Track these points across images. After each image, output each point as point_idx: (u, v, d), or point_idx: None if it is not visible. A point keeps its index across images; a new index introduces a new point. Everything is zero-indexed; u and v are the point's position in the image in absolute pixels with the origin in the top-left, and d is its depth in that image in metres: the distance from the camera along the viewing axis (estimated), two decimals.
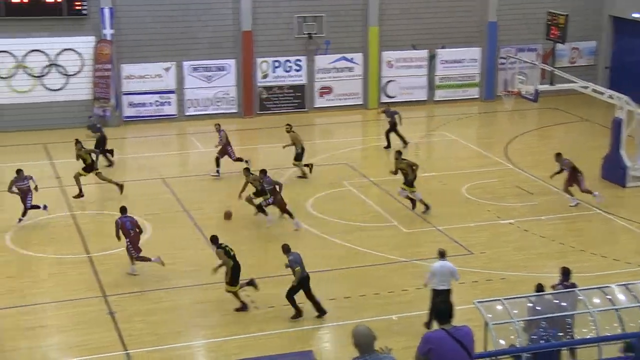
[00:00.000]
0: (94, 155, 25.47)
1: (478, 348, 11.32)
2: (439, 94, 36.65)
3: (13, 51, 31.84)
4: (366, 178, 26.66)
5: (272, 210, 22.69)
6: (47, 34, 32.01)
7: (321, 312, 17.58)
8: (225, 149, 26.76)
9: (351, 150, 30.30)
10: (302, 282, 17.36)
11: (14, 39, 31.67)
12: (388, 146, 29.33)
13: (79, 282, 19.33)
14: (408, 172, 23.31)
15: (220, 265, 17.83)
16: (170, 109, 33.93)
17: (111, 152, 28.22)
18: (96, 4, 32.11)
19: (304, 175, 26.70)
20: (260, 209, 22.58)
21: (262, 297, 18.20)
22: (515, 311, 13.99)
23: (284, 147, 27.01)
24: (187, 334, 17.20)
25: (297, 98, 35.31)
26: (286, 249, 17.70)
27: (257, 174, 22.87)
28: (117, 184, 24.81)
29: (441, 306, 9.08)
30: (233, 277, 17.65)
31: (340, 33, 35.08)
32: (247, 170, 23.17)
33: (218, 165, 26.59)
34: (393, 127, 29.62)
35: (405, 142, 29.54)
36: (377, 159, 29.19)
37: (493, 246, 21.37)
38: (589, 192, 23.75)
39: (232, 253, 17.75)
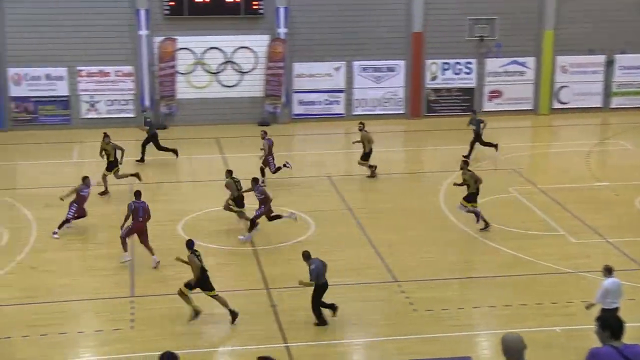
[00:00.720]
0: (118, 153, 25.07)
1: None
2: (616, 101, 35.13)
3: (193, 48, 33.10)
4: (533, 185, 25.90)
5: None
6: (225, 33, 33.08)
7: (333, 308, 17.28)
8: (267, 159, 25.68)
9: (518, 156, 29.53)
10: (320, 290, 16.95)
11: (194, 36, 32.93)
12: (468, 155, 28.10)
13: (244, 274, 19.78)
14: (470, 185, 22.10)
15: (193, 270, 17.21)
16: (339, 108, 34.27)
17: (175, 151, 28.18)
18: (272, 3, 32.87)
19: (372, 175, 26.33)
20: (252, 223, 21.53)
21: (422, 300, 18.03)
22: None
23: (353, 142, 26.82)
24: (346, 331, 17.23)
25: (466, 101, 34.82)
26: (307, 256, 17.15)
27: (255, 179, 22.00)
28: (135, 175, 25.05)
29: (614, 321, 8.59)
30: (203, 282, 17.13)
31: (513, 36, 34.31)
32: (229, 172, 22.35)
33: (263, 175, 25.40)
34: (478, 137, 28.50)
35: (496, 147, 28.57)
36: (545, 165, 28.32)
37: None
38: None
39: (202, 263, 17.14)
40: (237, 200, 22.03)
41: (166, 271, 19.74)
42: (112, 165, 24.89)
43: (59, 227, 21.50)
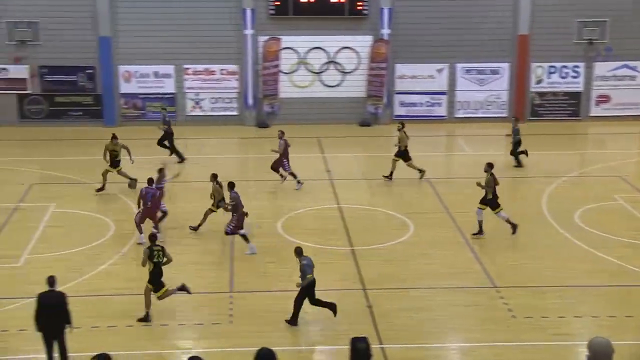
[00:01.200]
0: (124, 152, 25.16)
1: None
2: None
3: (297, 48, 33.38)
4: None
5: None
6: (328, 33, 33.23)
7: (333, 308, 17.08)
8: (280, 160, 25.45)
9: (626, 163, 28.67)
10: (310, 288, 16.88)
11: (298, 36, 33.20)
12: (519, 164, 27.62)
13: (341, 274, 19.81)
14: (494, 190, 21.51)
15: (142, 263, 17.14)
16: (440, 110, 34.00)
17: (175, 151, 28.23)
18: (376, 4, 32.85)
19: (394, 170, 26.03)
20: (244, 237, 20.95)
21: (521, 306, 17.71)
22: None
23: (395, 145, 26.43)
24: (442, 335, 17.07)
25: (572, 105, 34.05)
26: (299, 252, 17.14)
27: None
28: (130, 178, 25.01)
29: None
30: (153, 280, 17.03)
31: (624, 39, 33.30)
32: (214, 176, 21.76)
33: (279, 174, 25.50)
34: (516, 145, 27.74)
35: (518, 163, 27.82)
36: None
37: None
38: None
39: (156, 259, 16.93)
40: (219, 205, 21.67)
41: (266, 268, 19.97)
42: (117, 164, 25.04)
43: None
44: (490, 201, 21.57)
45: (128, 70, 32.94)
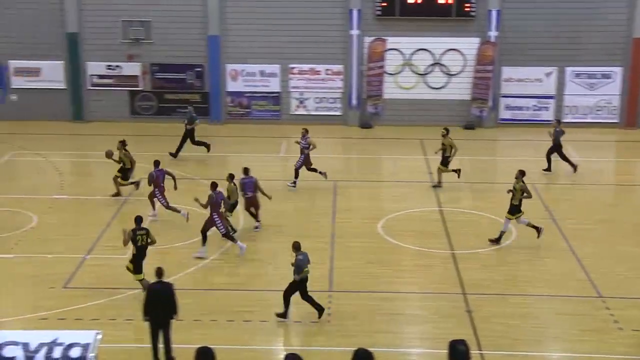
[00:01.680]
0: (128, 163, 24.45)
1: None
2: None
3: (402, 49, 33.28)
4: None
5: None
6: (434, 34, 33.00)
7: (320, 309, 16.98)
8: (307, 159, 25.63)
9: None
10: (302, 283, 16.82)
11: (404, 37, 33.10)
12: (548, 168, 26.94)
13: (441, 277, 19.67)
14: (517, 196, 20.89)
15: (124, 242, 17.83)
16: (547, 115, 33.32)
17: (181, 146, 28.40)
18: (484, 5, 32.44)
19: (439, 184, 25.42)
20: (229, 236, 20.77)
21: (628, 318, 17.19)
22: None
23: (436, 152, 25.85)
24: (543, 344, 16.74)
25: None
26: (297, 247, 17.16)
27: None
28: (134, 183, 24.71)
29: None
30: (134, 264, 17.65)
31: None
32: (231, 177, 21.72)
33: (317, 172, 25.61)
34: (556, 148, 26.95)
35: (574, 167, 26.99)
36: None
37: None
38: None
39: (140, 244, 17.62)
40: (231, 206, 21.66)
41: (365, 269, 19.99)
42: (127, 174, 24.59)
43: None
44: (514, 207, 21.15)
45: (235, 69, 33.50)
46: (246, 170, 22.18)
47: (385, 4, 32.62)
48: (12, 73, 33.38)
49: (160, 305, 15.24)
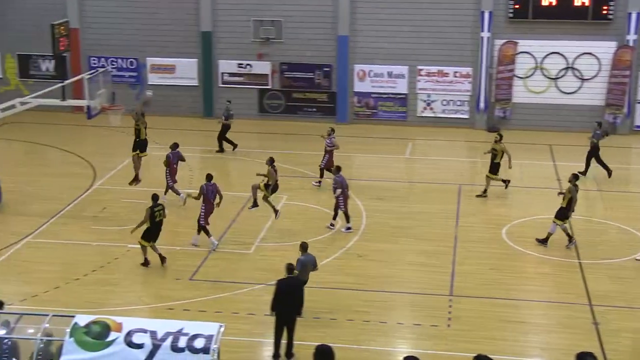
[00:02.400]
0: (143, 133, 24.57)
1: None
2: None
3: (533, 52, 32.60)
4: None
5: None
6: (568, 37, 32.19)
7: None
8: (331, 158, 25.57)
9: None
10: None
11: (536, 40, 32.42)
12: (585, 172, 26.16)
13: (566, 286, 19.20)
14: (569, 202, 20.38)
15: (140, 223, 19.39)
16: None
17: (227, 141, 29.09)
18: (623, 8, 31.39)
19: (484, 193, 24.72)
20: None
21: None
22: None
23: (485, 153, 25.26)
24: None
25: None
26: (304, 248, 17.29)
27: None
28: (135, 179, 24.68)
29: None
30: (147, 234, 19.45)
31: None
32: (271, 160, 22.63)
33: (331, 171, 24.55)
34: (594, 151, 26.32)
35: (609, 172, 26.34)
36: None
37: None
38: None
39: (157, 218, 19.37)
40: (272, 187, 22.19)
41: (487, 274, 19.74)
42: (140, 145, 24.93)
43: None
44: (561, 210, 20.87)
45: (363, 69, 33.63)
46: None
47: (517, 6, 32.04)
48: (148, 70, 34.61)
49: (288, 301, 15.45)
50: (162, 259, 19.84)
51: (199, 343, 12.50)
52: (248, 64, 34.14)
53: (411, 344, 16.75)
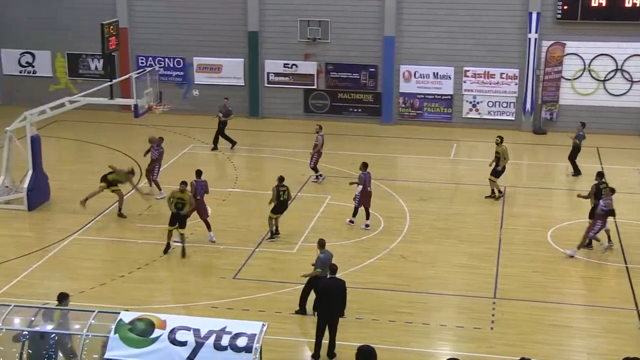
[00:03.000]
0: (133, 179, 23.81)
1: None
2: None
3: (582, 54, 32.20)
4: None
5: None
6: (618, 39, 31.74)
7: (302, 309, 17.37)
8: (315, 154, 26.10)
9: None
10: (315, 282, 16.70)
11: (584, 42, 32.03)
12: (575, 173, 26.39)
13: (612, 290, 18.97)
14: (591, 199, 20.63)
15: (270, 200, 21.20)
16: None
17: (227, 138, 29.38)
18: None
19: (492, 195, 24.50)
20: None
21: None
22: None
23: (490, 164, 24.81)
24: None
25: None
26: (322, 244, 17.25)
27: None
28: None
29: None
30: (276, 208, 21.14)
31: None
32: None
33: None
34: (575, 152, 26.33)
35: (576, 173, 26.53)
36: None
37: None
38: None
39: (282, 197, 21.09)
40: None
41: (531, 277, 19.58)
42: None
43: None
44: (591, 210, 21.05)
45: (409, 70, 33.52)
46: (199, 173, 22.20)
47: (566, 7, 31.67)
48: (195, 70, 34.89)
49: (331, 301, 15.47)
50: (275, 232, 21.48)
51: (241, 342, 12.60)
52: (294, 64, 34.23)
53: (453, 346, 16.68)
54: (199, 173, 21.86)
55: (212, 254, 20.64)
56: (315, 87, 34.30)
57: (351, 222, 22.50)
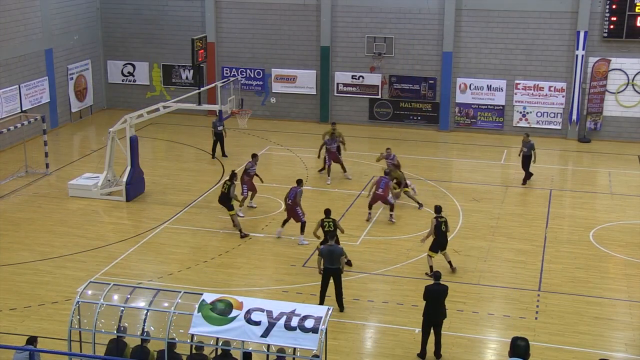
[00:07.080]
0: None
1: None
2: None
3: (626, 70, 31.37)
4: None
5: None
6: None
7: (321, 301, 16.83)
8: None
9: None
10: (325, 274, 16.73)
11: (629, 58, 31.20)
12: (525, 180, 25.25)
13: None
14: None
15: (427, 234, 18.96)
16: None
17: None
18: None
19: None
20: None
21: None
22: None
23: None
24: None
25: None
26: (331, 237, 17.25)
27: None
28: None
29: None
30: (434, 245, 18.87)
31: None
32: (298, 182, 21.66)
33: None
34: (527, 159, 25.31)
35: (526, 179, 25.44)
36: None
37: None
38: None
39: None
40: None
41: (574, 273, 19.15)
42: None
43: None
44: None
45: (464, 83, 33.12)
46: (300, 181, 21.72)
47: (612, 27, 30.88)
48: (273, 79, 35.08)
49: (435, 305, 15.17)
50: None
51: (309, 323, 12.62)
52: (361, 76, 34.13)
53: (500, 333, 16.41)
54: (299, 182, 21.54)
55: (285, 244, 20.69)
56: (379, 97, 34.15)
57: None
